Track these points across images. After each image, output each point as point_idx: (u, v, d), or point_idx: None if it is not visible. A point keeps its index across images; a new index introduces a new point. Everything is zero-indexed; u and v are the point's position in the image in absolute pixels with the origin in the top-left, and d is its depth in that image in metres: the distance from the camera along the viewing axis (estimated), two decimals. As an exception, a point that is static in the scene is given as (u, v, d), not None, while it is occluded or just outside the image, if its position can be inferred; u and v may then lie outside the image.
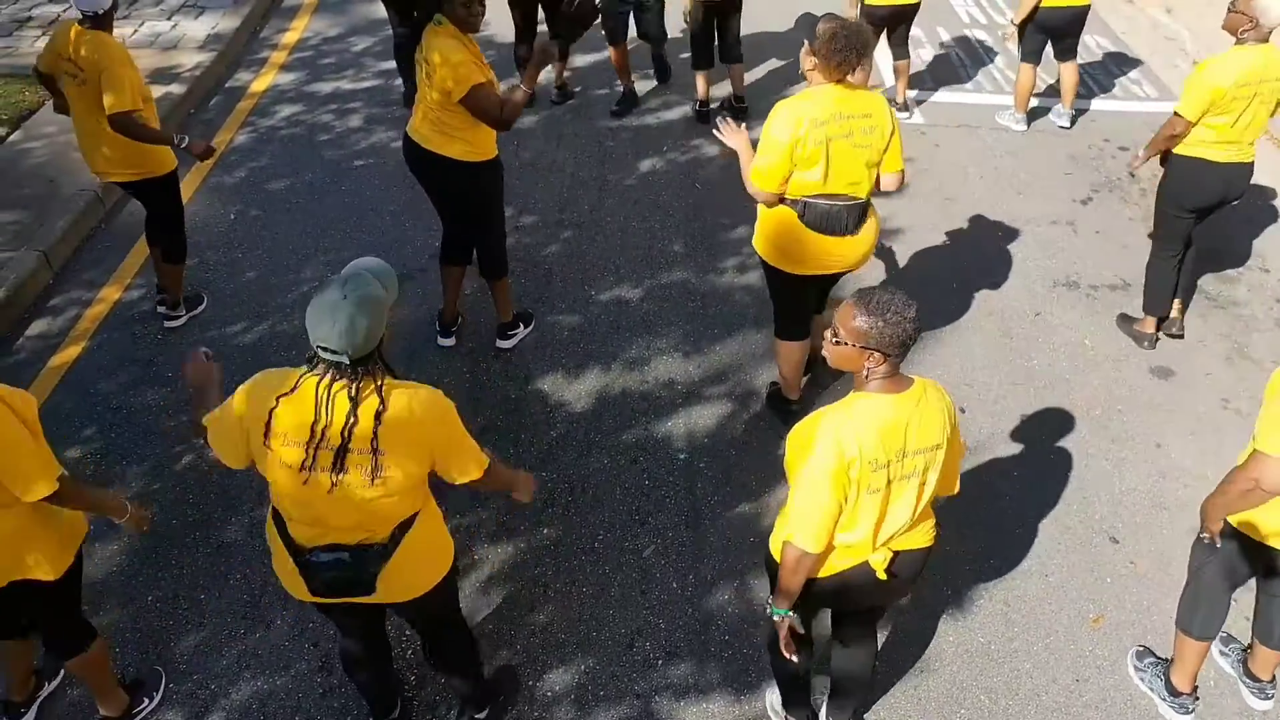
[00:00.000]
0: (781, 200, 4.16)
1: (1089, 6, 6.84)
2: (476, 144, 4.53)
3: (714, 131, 4.37)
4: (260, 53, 8.08)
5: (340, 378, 2.56)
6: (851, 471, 2.67)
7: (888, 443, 2.70)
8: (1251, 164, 4.93)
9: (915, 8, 6.99)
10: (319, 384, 2.57)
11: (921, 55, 8.27)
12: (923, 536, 2.97)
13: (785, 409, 4.79)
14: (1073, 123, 7.37)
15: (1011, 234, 6.22)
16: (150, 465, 4.52)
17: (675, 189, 6.49)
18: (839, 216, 4.12)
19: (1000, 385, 5.09)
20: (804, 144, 3.93)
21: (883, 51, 7.36)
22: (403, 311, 5.32)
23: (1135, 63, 8.42)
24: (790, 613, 2.88)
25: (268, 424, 2.61)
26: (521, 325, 5.25)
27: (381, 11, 8.58)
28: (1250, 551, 3.28)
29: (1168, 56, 8.54)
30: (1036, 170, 6.88)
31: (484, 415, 4.79)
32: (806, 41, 3.97)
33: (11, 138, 6.65)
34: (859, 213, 4.17)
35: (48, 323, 5.34)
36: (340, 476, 2.60)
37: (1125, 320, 5.51)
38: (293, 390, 2.59)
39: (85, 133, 4.82)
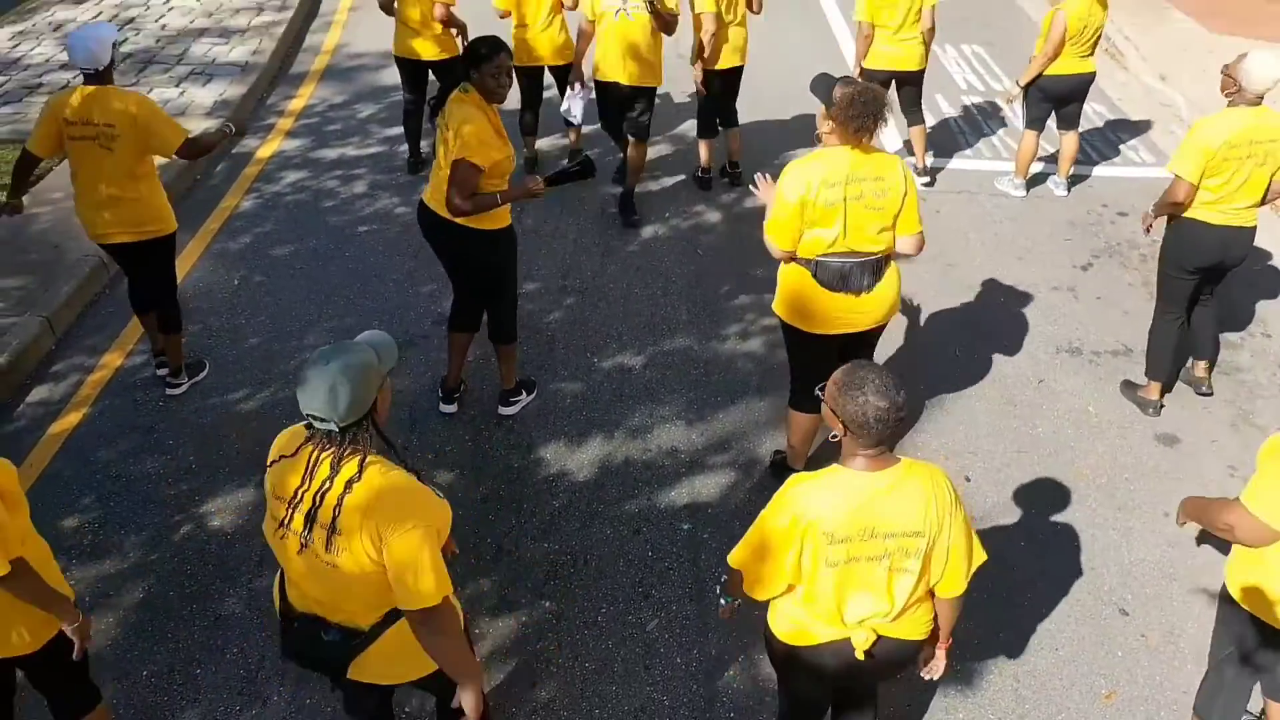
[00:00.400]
0: (794, 259, 4.17)
1: (1094, 74, 6.93)
2: (491, 213, 4.55)
3: (751, 187, 4.43)
4: (267, 119, 8.17)
5: (329, 446, 2.56)
6: (807, 540, 2.68)
7: (852, 518, 2.67)
8: (1251, 229, 4.95)
9: (917, 74, 7.06)
10: (311, 452, 2.59)
11: (920, 122, 8.36)
12: (913, 628, 2.90)
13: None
14: (1068, 191, 7.42)
15: (1013, 300, 6.24)
16: (148, 535, 4.47)
17: (677, 255, 6.53)
18: (852, 274, 4.11)
19: (1005, 453, 5.06)
20: (813, 204, 3.94)
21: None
22: (405, 379, 5.32)
23: (1131, 128, 8.51)
24: (734, 600, 3.12)
25: (265, 477, 2.69)
26: (524, 392, 5.24)
27: (386, 79, 8.75)
28: (1269, 639, 3.23)
29: (1163, 122, 8.64)
30: (1036, 236, 6.92)
31: (486, 485, 4.75)
32: (823, 105, 3.97)
33: (18, 203, 6.68)
34: (873, 269, 4.14)
35: (49, 389, 5.32)
36: (307, 541, 2.60)
37: (1129, 387, 5.50)
38: (294, 455, 2.63)
39: (91, 195, 4.75)
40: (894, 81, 6.98)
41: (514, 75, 4.55)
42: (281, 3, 10.14)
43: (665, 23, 6.32)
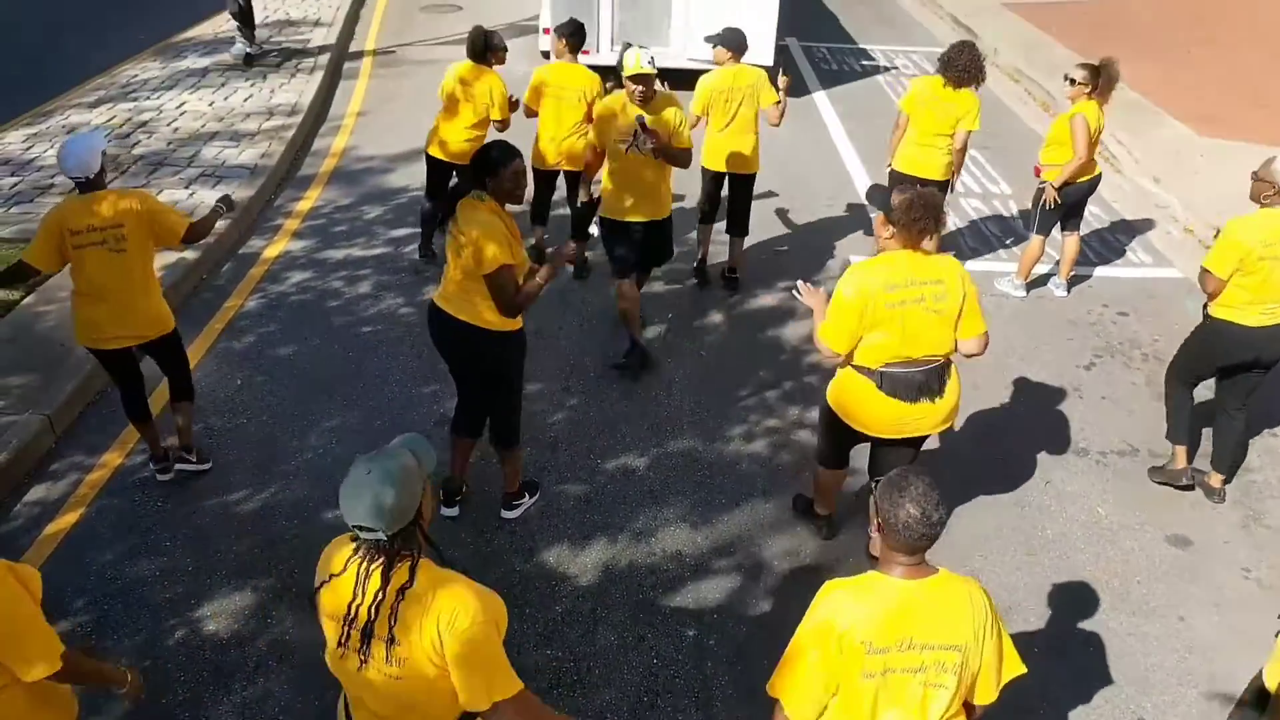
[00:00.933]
0: (855, 368, 4.20)
1: (1100, 175, 7.08)
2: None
3: (793, 293, 4.40)
4: (274, 220, 8.26)
5: (379, 556, 2.51)
6: (844, 648, 2.61)
7: (890, 627, 2.62)
8: None
9: (939, 184, 7.03)
10: (360, 564, 2.53)
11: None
12: None
13: (814, 520, 4.98)
14: (1069, 291, 7.48)
15: (1017, 400, 6.22)
16: (142, 639, 4.37)
17: (680, 356, 6.52)
18: (919, 382, 4.16)
19: (1015, 556, 4.98)
20: (874, 304, 4.00)
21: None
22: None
23: (1128, 229, 8.61)
24: None
25: (314, 601, 2.62)
26: (527, 495, 5.18)
27: (393, 181, 8.90)
28: None
29: (1159, 223, 8.75)
30: (1038, 336, 6.93)
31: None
32: (880, 212, 4.11)
33: (26, 301, 6.72)
34: (939, 374, 4.19)
35: (46, 488, 5.27)
36: (366, 656, 2.53)
37: (1156, 471, 5.52)
38: (343, 571, 2.57)
39: (101, 299, 4.74)
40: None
41: (528, 179, 4.58)
42: (291, 108, 10.36)
43: (676, 160, 5.96)
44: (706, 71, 6.90)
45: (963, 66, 6.71)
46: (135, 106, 10.32)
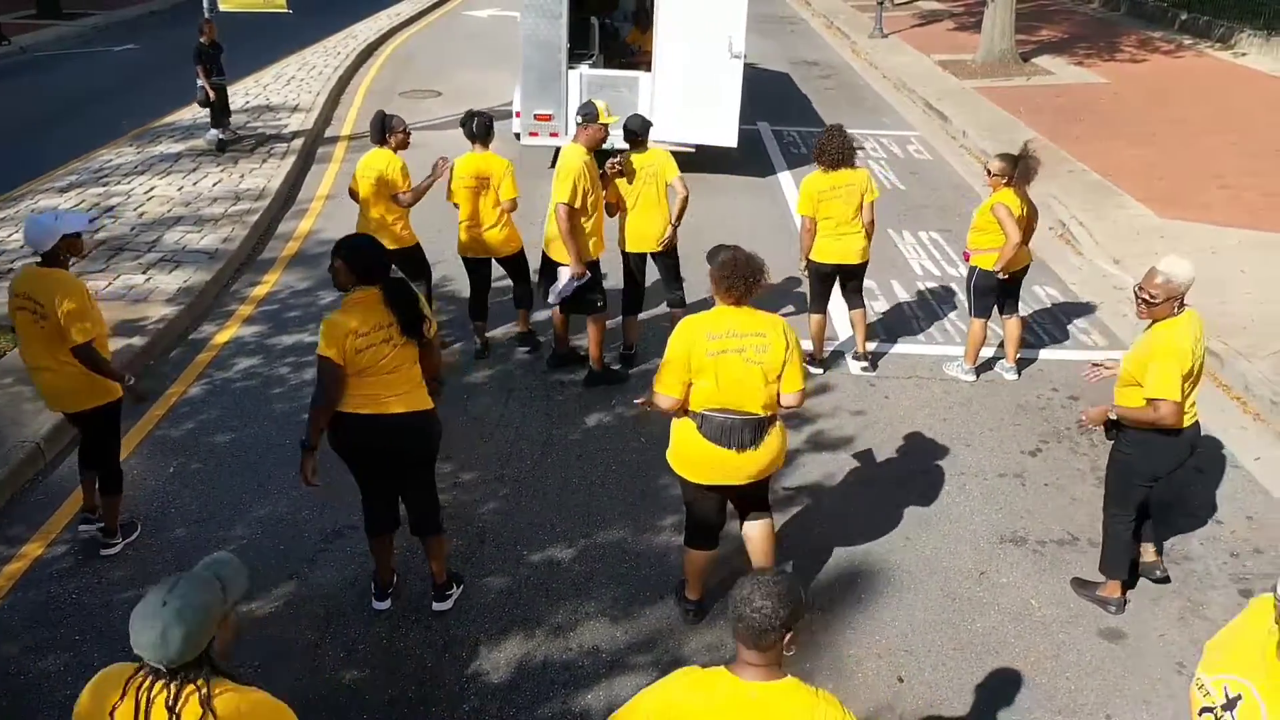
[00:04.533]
0: (685, 412, 4.45)
1: (1031, 261, 7.23)
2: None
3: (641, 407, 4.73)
4: (228, 305, 8.28)
5: (157, 681, 2.46)
6: None
7: None
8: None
9: (861, 266, 7.23)
10: (139, 689, 2.47)
11: (875, 307, 8.43)
12: None
13: (685, 606, 4.99)
14: (1019, 374, 7.45)
15: (958, 487, 6.14)
16: (39, 741, 4.27)
17: (620, 444, 6.45)
18: (733, 430, 4.39)
19: (940, 651, 4.88)
20: (696, 352, 4.27)
21: (837, 303, 7.54)
22: (327, 572, 5.22)
23: (1084, 312, 8.61)
24: None
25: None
26: (454, 585, 5.09)
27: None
28: None
29: (1115, 305, 8.74)
30: (985, 421, 6.88)
31: (395, 686, 4.56)
32: (710, 268, 4.43)
33: (-34, 388, 6.71)
34: (755, 428, 4.41)
35: (-36, 579, 5.20)
36: None
37: (1082, 585, 5.30)
38: (120, 699, 2.49)
39: (40, 368, 5.01)
40: (839, 274, 7.18)
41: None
42: (259, 192, 10.47)
43: None
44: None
45: (835, 150, 6.91)
46: (105, 191, 10.45)
